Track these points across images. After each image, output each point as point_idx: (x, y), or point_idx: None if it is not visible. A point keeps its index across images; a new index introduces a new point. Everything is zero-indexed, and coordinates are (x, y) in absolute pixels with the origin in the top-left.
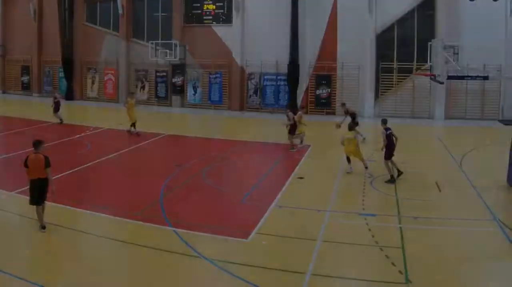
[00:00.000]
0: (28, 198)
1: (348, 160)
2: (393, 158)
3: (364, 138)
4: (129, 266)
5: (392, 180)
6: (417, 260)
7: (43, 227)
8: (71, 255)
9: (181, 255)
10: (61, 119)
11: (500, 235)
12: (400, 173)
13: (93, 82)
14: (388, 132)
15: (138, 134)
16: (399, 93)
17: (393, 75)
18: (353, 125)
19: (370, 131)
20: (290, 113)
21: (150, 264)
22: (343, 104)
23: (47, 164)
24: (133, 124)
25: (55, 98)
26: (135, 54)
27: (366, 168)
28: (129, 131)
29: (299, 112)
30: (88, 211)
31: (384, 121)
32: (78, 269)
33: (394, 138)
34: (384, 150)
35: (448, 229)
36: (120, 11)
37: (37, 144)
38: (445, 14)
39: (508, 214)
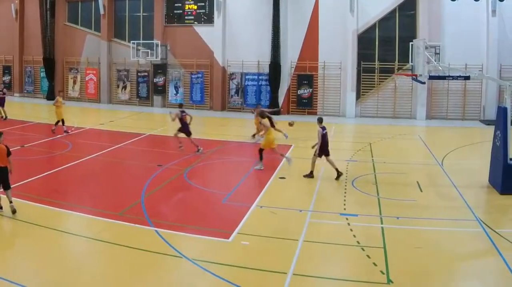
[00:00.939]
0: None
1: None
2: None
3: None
4: (111, 266)
5: (310, 175)
6: (398, 260)
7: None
8: (52, 255)
9: (163, 255)
10: (5, 116)
11: (481, 235)
12: (339, 173)
13: (74, 82)
14: (324, 131)
15: (67, 131)
16: (381, 94)
17: (374, 75)
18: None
19: (351, 131)
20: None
21: (132, 264)
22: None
23: (9, 153)
24: (62, 121)
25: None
26: (117, 54)
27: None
28: (53, 130)
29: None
30: (69, 211)
31: (319, 120)
32: (59, 269)
33: (327, 138)
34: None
35: (429, 229)
36: (102, 11)
37: None
38: (426, 14)
39: (489, 214)
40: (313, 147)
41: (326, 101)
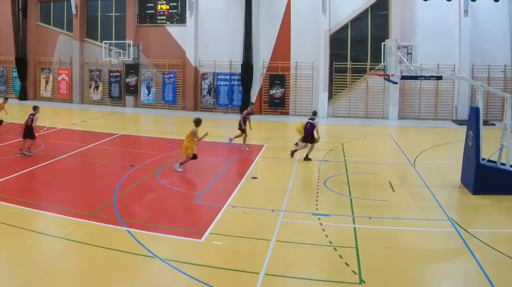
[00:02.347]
0: None
1: None
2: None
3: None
4: (83, 266)
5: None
6: (371, 260)
7: None
8: (23, 255)
9: (135, 255)
10: None
11: (453, 235)
12: (308, 159)
13: (47, 82)
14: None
15: None
16: (353, 94)
17: (346, 75)
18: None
19: (324, 131)
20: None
21: (104, 264)
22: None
23: None
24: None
25: None
26: (89, 54)
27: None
28: None
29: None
30: (41, 211)
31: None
32: (30, 270)
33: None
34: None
35: (402, 229)
36: (74, 11)
37: None
38: (398, 14)
39: (461, 214)
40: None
41: (298, 101)
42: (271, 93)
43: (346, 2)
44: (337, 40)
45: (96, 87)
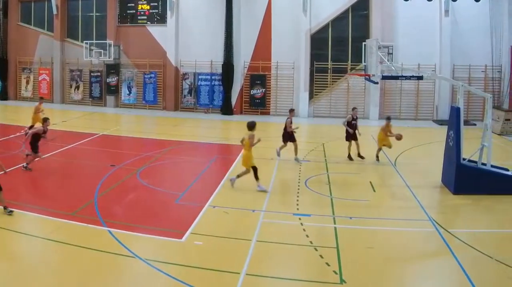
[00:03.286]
0: None
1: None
2: None
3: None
4: (64, 266)
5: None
6: (351, 260)
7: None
8: (3, 255)
9: (116, 255)
10: None
11: (434, 235)
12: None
13: (27, 82)
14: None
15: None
16: (334, 94)
17: (327, 75)
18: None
19: (304, 131)
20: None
21: (85, 264)
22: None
23: None
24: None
25: None
26: (70, 54)
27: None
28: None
29: None
30: (22, 211)
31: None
32: (11, 270)
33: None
34: None
35: (383, 229)
36: (55, 11)
37: None
38: (379, 14)
39: (442, 214)
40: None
41: (279, 101)
42: (252, 93)
43: (327, 2)
44: (317, 40)
45: (77, 87)
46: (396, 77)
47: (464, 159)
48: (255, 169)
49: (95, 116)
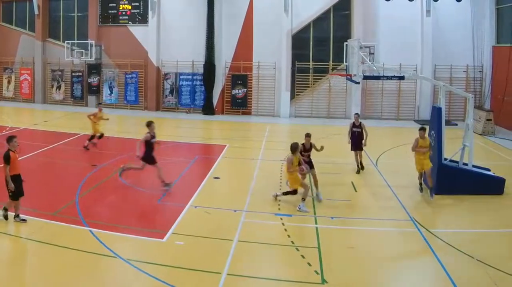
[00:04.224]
0: None
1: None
2: None
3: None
4: (45, 266)
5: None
6: (333, 260)
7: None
8: None
9: (97, 255)
10: None
11: (415, 235)
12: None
13: (9, 82)
14: None
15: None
16: (315, 94)
17: (309, 75)
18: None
19: (286, 131)
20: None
21: (66, 264)
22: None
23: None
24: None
25: None
26: (51, 54)
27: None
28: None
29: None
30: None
31: None
32: None
33: None
34: None
35: (364, 229)
36: (36, 11)
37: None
38: (361, 14)
39: (423, 214)
40: None
41: (260, 101)
42: (233, 93)
43: (308, 2)
44: (299, 40)
45: (59, 87)
46: (377, 77)
47: (445, 159)
48: (295, 192)
49: (77, 116)
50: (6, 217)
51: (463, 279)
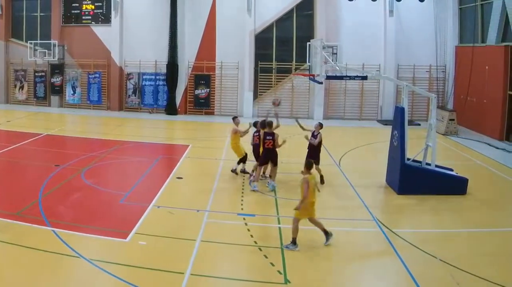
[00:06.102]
0: None
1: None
2: None
3: None
4: (7, 266)
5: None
6: (296, 260)
7: None
8: None
9: (60, 255)
10: None
11: (379, 235)
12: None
13: None
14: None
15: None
16: (278, 93)
17: (272, 75)
18: None
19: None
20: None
21: (29, 264)
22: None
23: None
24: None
25: None
26: (14, 54)
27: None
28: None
29: None
30: None
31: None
32: None
33: None
34: None
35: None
36: None
37: None
38: (324, 14)
39: (386, 214)
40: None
41: (223, 101)
42: (196, 93)
43: (271, 2)
44: (262, 40)
45: (21, 87)
46: (340, 77)
47: (408, 159)
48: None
49: (40, 116)
50: None
51: (425, 279)
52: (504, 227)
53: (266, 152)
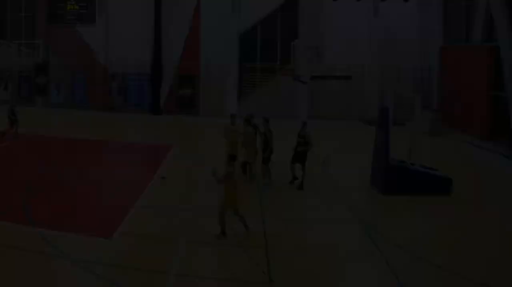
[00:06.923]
0: None
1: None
2: None
3: None
4: None
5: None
6: (280, 260)
7: None
8: None
9: (44, 255)
10: None
11: (363, 236)
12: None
13: None
14: None
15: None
16: (263, 94)
17: (256, 76)
18: None
19: None
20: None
21: (12, 264)
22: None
23: None
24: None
25: None
26: None
27: None
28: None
29: None
30: None
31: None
32: None
33: None
34: None
35: (311, 230)
36: None
37: None
38: (308, 15)
39: (371, 214)
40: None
41: (208, 101)
42: (181, 93)
43: (256, 3)
44: (247, 41)
45: (6, 88)
46: (324, 77)
47: (392, 159)
48: None
49: (24, 117)
50: None
51: (410, 280)
52: (487, 227)
53: None
